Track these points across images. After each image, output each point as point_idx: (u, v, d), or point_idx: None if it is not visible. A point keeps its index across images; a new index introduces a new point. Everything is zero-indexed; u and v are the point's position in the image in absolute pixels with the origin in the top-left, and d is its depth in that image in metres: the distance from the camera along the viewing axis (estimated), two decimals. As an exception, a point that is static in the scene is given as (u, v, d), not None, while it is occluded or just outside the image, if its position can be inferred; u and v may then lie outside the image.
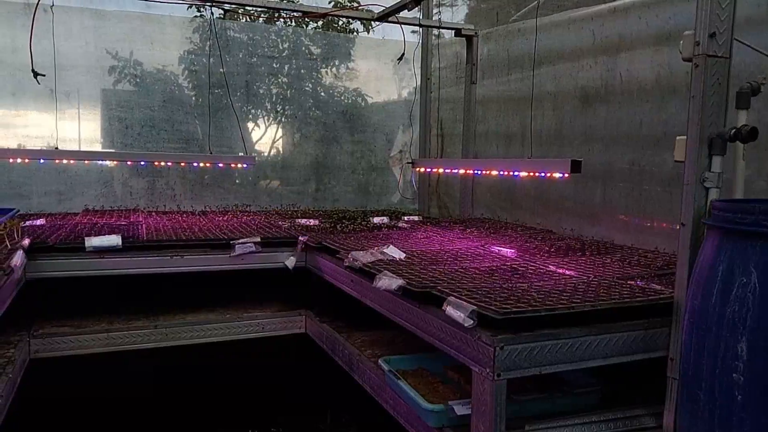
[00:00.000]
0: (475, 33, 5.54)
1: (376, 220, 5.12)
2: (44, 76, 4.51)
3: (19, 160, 5.15)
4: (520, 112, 5.08)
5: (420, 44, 6.44)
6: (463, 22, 5.93)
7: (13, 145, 5.41)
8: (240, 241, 3.91)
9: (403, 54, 5.50)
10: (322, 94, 6.70)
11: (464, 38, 5.58)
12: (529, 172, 3.89)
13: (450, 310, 2.18)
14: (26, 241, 3.46)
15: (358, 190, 6.84)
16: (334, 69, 6.70)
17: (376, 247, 3.35)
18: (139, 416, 4.37)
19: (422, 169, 6.04)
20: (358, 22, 7.22)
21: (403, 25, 5.41)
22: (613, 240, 4.04)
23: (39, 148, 5.42)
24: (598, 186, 4.26)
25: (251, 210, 5.90)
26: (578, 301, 2.23)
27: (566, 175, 3.43)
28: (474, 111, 5.64)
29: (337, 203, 6.69)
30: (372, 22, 5.68)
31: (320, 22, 7.11)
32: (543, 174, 3.71)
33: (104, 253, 3.62)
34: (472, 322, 2.07)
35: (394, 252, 3.27)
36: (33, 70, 4.43)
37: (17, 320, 3.52)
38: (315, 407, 4.54)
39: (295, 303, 4.32)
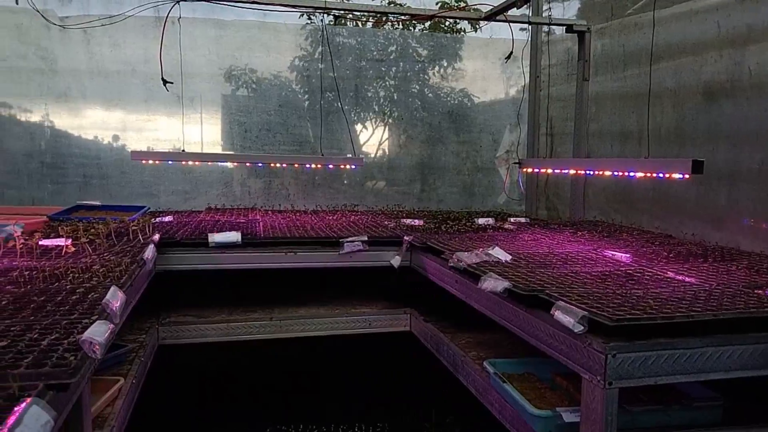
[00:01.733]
0: (588, 28, 5.35)
1: (481, 221, 5.08)
2: (172, 83, 4.91)
3: (150, 162, 5.62)
4: (637, 109, 4.85)
5: (529, 42, 6.31)
6: (574, 18, 5.74)
7: (144, 147, 5.91)
8: (348, 239, 4.03)
9: (512, 52, 5.42)
10: (429, 95, 6.74)
11: (576, 34, 5.40)
12: (646, 173, 3.70)
13: (559, 315, 2.13)
14: (156, 236, 3.77)
15: (463, 190, 6.81)
16: (440, 70, 6.72)
17: (481, 249, 3.34)
18: (250, 404, 4.63)
19: (530, 170, 5.91)
20: (466, 22, 7.18)
21: (511, 23, 5.33)
22: (738, 246, 3.76)
23: (166, 150, 5.89)
24: (722, 187, 3.98)
25: (359, 209, 6.06)
26: (698, 309, 2.10)
27: (687, 176, 3.24)
28: (586, 109, 5.45)
29: (441, 204, 6.71)
30: (479, 22, 5.63)
31: (427, 24, 7.16)
32: (661, 175, 3.52)
33: (225, 249, 3.87)
34: (582, 328, 2.01)
35: (500, 254, 3.24)
36: (162, 79, 4.83)
37: (148, 309, 3.85)
38: (419, 405, 4.59)
39: (399, 301, 4.40)
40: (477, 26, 6.80)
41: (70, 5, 5.51)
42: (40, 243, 3.38)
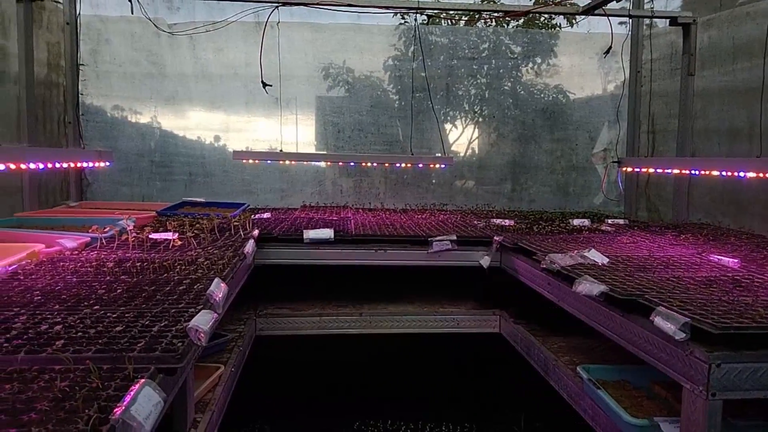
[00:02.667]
0: (693, 20, 5.05)
1: (576, 222, 4.92)
2: (271, 86, 5.11)
3: (250, 161, 5.89)
4: (748, 105, 4.52)
5: (629, 36, 6.05)
6: (679, 10, 5.44)
7: (244, 147, 6.19)
8: (437, 238, 4.04)
9: (610, 47, 5.21)
10: (522, 92, 6.61)
11: (680, 27, 5.11)
12: (758, 173, 3.45)
13: (659, 321, 2.04)
14: (255, 232, 3.95)
15: (557, 190, 6.63)
16: (534, 66, 6.57)
17: (575, 251, 3.24)
18: (339, 397, 4.74)
19: (630, 169, 5.66)
20: (561, 17, 6.97)
21: (610, 17, 5.13)
22: None
23: (264, 150, 6.14)
24: None
25: (447, 209, 6.04)
26: (818, 321, 1.94)
27: (807, 176, 2.99)
28: (691, 105, 5.15)
29: (533, 204, 6.56)
30: (576, 17, 5.45)
31: (521, 20, 7.02)
32: (776, 175, 3.27)
33: (318, 245, 4.00)
34: (684, 335, 1.92)
35: (596, 256, 3.13)
36: (262, 81, 5.04)
37: (246, 301, 4.04)
38: (508, 408, 4.52)
39: (488, 302, 4.35)
40: (574, 21, 6.59)
41: (178, 13, 5.87)
42: (150, 236, 3.63)
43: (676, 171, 4.91)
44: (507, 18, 6.53)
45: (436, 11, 5.59)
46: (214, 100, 6.16)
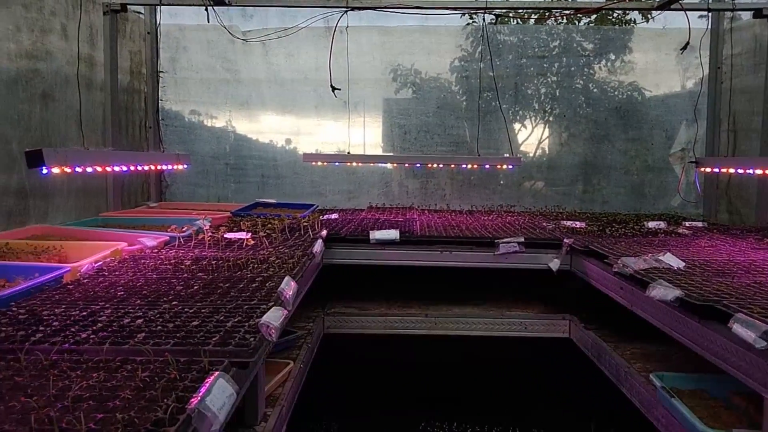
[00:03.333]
0: (781, 11, 4.77)
1: (652, 224, 4.75)
2: (340, 89, 5.20)
3: (319, 163, 6.02)
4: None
5: (709, 30, 5.77)
6: (764, 1, 5.14)
7: (313, 150, 6.34)
8: (504, 240, 4.00)
9: (688, 42, 4.99)
10: (594, 90, 6.43)
11: (766, 19, 4.83)
12: None
13: (737, 329, 1.95)
14: (324, 232, 4.04)
15: (631, 191, 6.40)
16: (607, 64, 6.38)
17: (650, 254, 3.13)
18: (405, 397, 4.76)
19: (708, 169, 5.39)
20: (636, 13, 6.73)
21: (688, 12, 4.92)
22: None
23: (332, 152, 6.26)
24: None
25: (515, 210, 5.96)
26: None
27: None
28: (778, 102, 4.87)
29: (606, 206, 6.37)
30: (652, 12, 5.25)
31: (593, 17, 6.83)
32: None
33: (385, 246, 4.04)
34: (765, 343, 1.82)
35: (672, 260, 3.02)
36: (331, 85, 5.14)
37: (315, 299, 4.14)
38: (577, 414, 4.41)
39: (556, 306, 4.27)
40: (649, 16, 6.35)
41: (252, 20, 6.07)
42: (225, 236, 3.78)
43: (759, 171, 4.64)
44: (578, 15, 6.38)
45: (504, 10, 5.52)
46: (285, 104, 6.34)
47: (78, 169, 2.78)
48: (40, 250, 3.24)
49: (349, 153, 5.64)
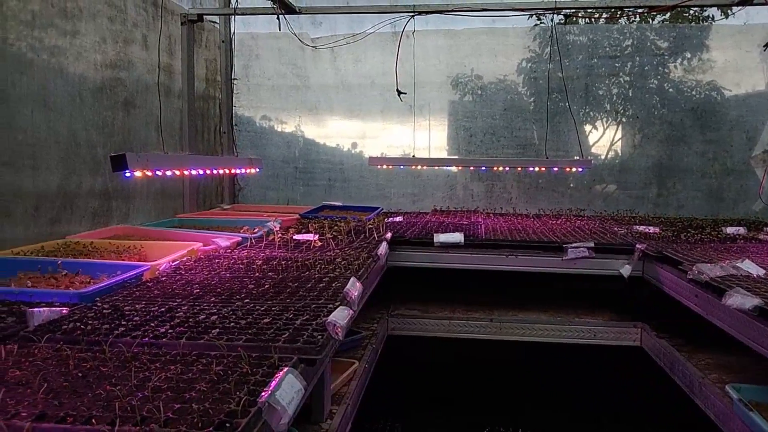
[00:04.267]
0: None
1: (730, 230, 4.53)
2: (405, 93, 5.24)
3: (385, 167, 6.08)
4: None
5: (797, 24, 5.45)
6: None
7: (378, 153, 6.42)
8: (573, 245, 3.92)
9: (773, 38, 4.74)
10: (669, 90, 6.19)
11: None
12: None
13: (823, 341, 1.85)
14: (389, 235, 4.09)
15: (709, 195, 6.12)
16: (683, 62, 6.13)
17: (727, 261, 3.00)
18: (467, 401, 4.74)
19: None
20: (714, 9, 6.43)
21: (773, 6, 4.67)
22: None
23: (397, 156, 6.31)
24: None
25: (585, 214, 5.82)
26: None
27: None
28: None
29: (681, 210, 6.11)
30: (732, 7, 5.00)
31: (668, 14, 6.57)
32: None
33: (449, 249, 4.04)
34: None
35: (751, 267, 2.88)
36: (397, 89, 5.18)
37: (379, 301, 4.19)
38: (647, 425, 4.27)
39: (627, 313, 4.14)
40: (729, 12, 6.05)
41: (321, 27, 6.22)
42: (294, 237, 3.89)
43: None
44: (652, 13, 6.15)
45: (574, 10, 5.41)
46: (352, 108, 6.45)
47: (158, 173, 2.94)
48: (122, 249, 3.44)
49: (414, 156, 5.67)
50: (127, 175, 2.59)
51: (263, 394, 1.41)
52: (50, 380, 1.53)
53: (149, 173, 2.79)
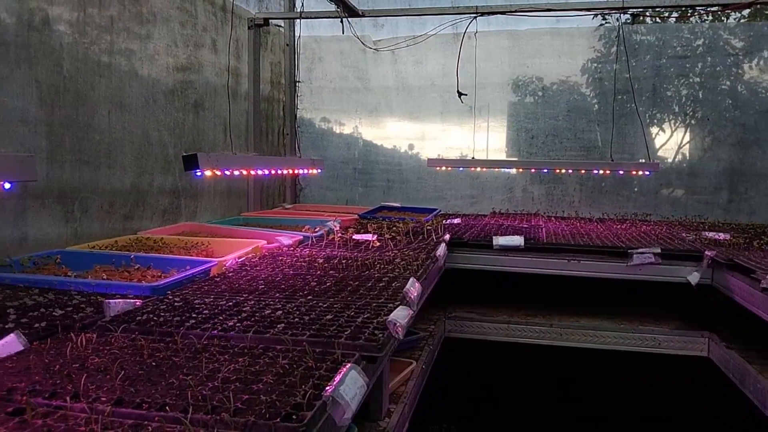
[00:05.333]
0: None
1: (809, 238, 4.30)
2: (466, 95, 5.22)
3: (443, 168, 6.07)
4: None
5: None
6: None
7: (435, 155, 6.42)
8: (638, 250, 3.81)
9: None
10: (743, 91, 5.92)
11: None
12: None
13: None
14: (447, 236, 4.08)
15: (785, 201, 5.82)
16: (760, 62, 5.85)
17: (806, 270, 2.85)
18: (527, 406, 4.68)
19: None
20: (797, 5, 6.11)
21: None
22: None
23: (454, 157, 6.29)
24: None
25: (651, 219, 5.64)
26: None
27: None
28: None
29: (754, 216, 5.83)
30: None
31: (745, 12, 6.28)
32: None
33: (508, 252, 4.00)
34: None
35: (833, 278, 2.73)
36: (458, 91, 5.17)
37: (436, 302, 4.19)
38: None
39: (695, 323, 3.99)
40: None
41: (382, 30, 6.28)
42: (353, 237, 3.94)
43: None
44: (727, 11, 5.90)
45: (642, 9, 5.25)
46: (411, 110, 6.48)
47: (227, 172, 3.05)
48: (190, 245, 3.58)
49: (473, 158, 5.64)
50: (198, 174, 2.70)
51: (328, 388, 1.45)
52: (126, 368, 1.61)
53: (218, 173, 2.90)
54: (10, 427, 1.27)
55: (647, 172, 5.53)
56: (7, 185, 2.12)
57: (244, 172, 3.43)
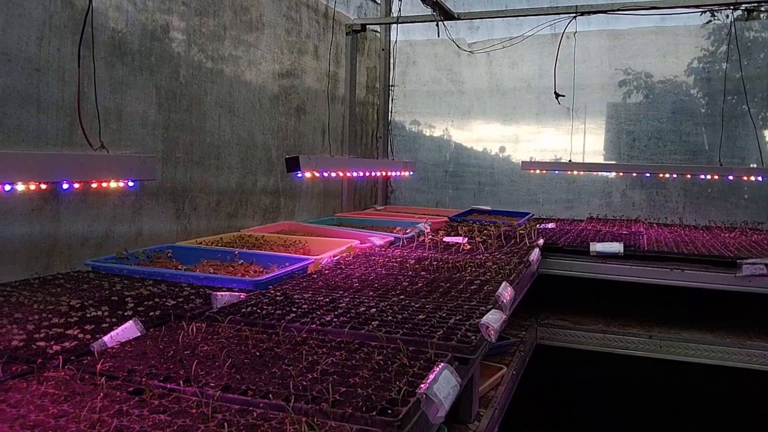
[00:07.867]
0: None
1: None
2: (564, 96, 5.10)
3: (537, 171, 5.96)
4: None
5: None
6: None
7: (528, 158, 6.28)
8: (749, 261, 3.58)
9: None
10: None
11: None
12: None
13: None
14: (541, 241, 4.02)
15: None
16: None
17: None
18: (620, 420, 4.50)
19: None
20: None
21: None
22: None
23: (548, 160, 6.15)
24: None
25: (764, 228, 5.26)
26: None
27: None
28: None
29: None
30: None
31: None
32: None
33: (606, 259, 3.88)
34: None
35: None
36: (555, 92, 5.07)
37: (528, 308, 4.13)
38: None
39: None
40: None
41: (477, 32, 6.26)
42: (444, 239, 3.97)
43: None
44: None
45: (756, 4, 4.92)
46: (505, 112, 6.40)
47: (325, 174, 3.17)
48: (289, 243, 3.75)
49: (570, 161, 5.50)
50: (299, 175, 2.83)
51: (422, 386, 1.48)
52: (233, 357, 1.73)
53: (317, 174, 3.02)
54: (132, 404, 1.41)
55: (760, 178, 5.17)
56: (131, 183, 2.33)
57: (341, 174, 3.54)
